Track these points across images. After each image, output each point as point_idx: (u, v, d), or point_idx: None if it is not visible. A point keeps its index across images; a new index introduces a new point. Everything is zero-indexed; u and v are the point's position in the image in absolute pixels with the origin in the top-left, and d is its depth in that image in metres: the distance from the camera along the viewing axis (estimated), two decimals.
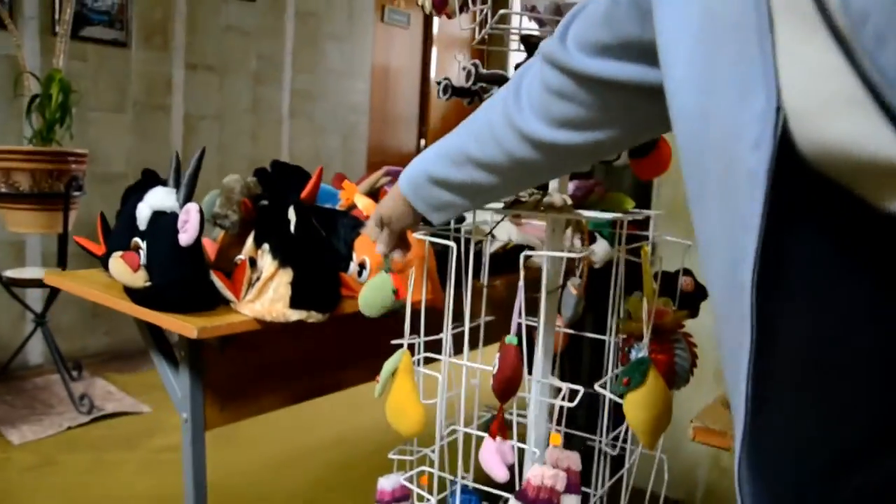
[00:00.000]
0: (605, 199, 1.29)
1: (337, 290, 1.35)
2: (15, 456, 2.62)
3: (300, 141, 4.62)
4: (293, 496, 2.47)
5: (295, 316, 1.25)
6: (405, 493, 1.38)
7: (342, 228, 1.50)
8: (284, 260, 1.25)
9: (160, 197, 1.29)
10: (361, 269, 1.42)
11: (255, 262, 1.31)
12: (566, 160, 0.92)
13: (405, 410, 1.21)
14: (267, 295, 1.26)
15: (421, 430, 1.23)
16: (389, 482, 1.37)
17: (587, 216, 1.23)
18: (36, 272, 3.08)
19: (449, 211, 1.06)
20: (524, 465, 1.25)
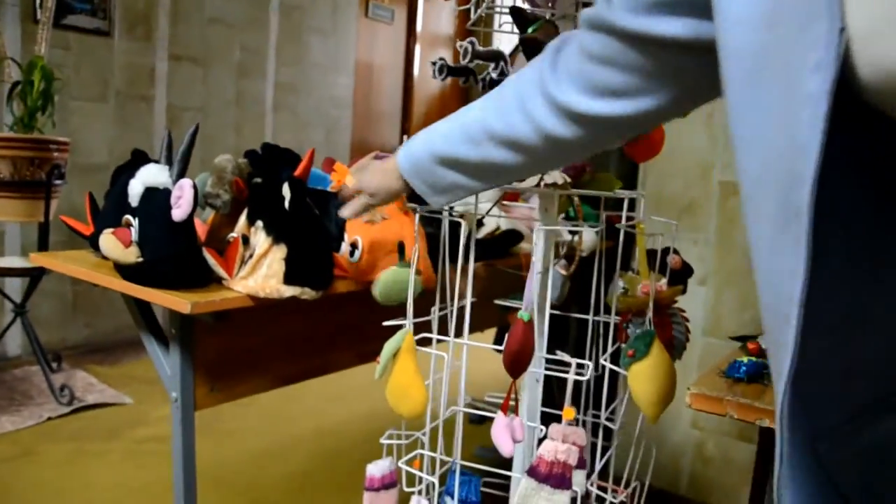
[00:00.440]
0: (595, 179, 1.31)
1: (330, 268, 1.34)
2: None
3: (283, 134, 4.60)
4: (279, 486, 2.47)
5: (289, 292, 1.25)
6: (394, 478, 1.38)
7: (333, 209, 1.50)
8: (279, 236, 1.25)
9: (153, 173, 1.28)
10: (353, 249, 1.42)
11: (247, 239, 1.31)
12: (602, 135, 0.88)
13: (409, 391, 1.20)
14: (260, 271, 1.25)
15: (424, 411, 1.23)
16: (378, 468, 1.36)
17: (581, 194, 1.24)
18: (15, 261, 3.04)
19: (453, 193, 1.01)
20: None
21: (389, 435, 1.38)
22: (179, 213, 1.23)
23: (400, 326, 1.25)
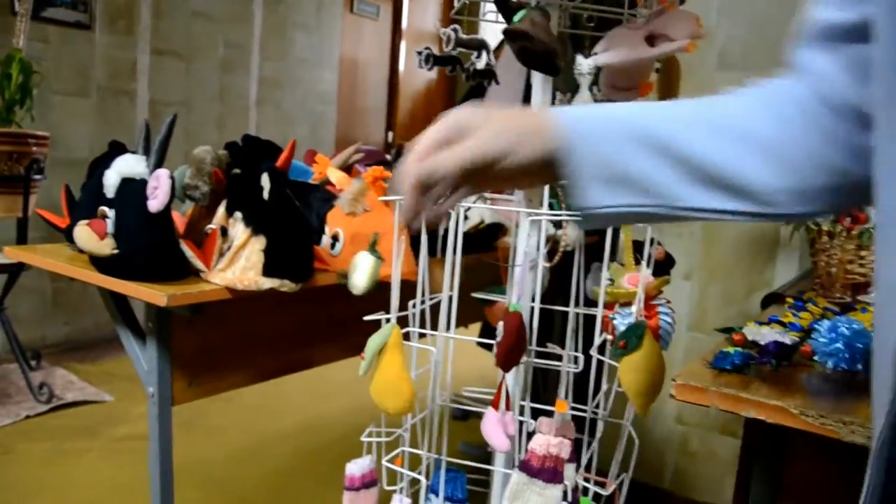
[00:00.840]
0: None
1: (310, 260, 1.32)
2: None
3: (267, 129, 4.57)
4: (260, 483, 2.44)
5: (267, 284, 1.22)
6: (375, 477, 1.35)
7: (315, 202, 1.48)
8: (257, 227, 1.22)
9: (129, 163, 1.25)
10: (334, 241, 1.40)
11: (226, 231, 1.28)
12: None
13: (396, 387, 1.17)
14: (239, 263, 1.23)
15: (411, 407, 1.20)
16: (358, 467, 1.33)
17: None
18: None
19: (627, 193, 0.64)
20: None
21: (370, 433, 1.35)
22: (156, 203, 1.20)
23: (383, 321, 1.23)
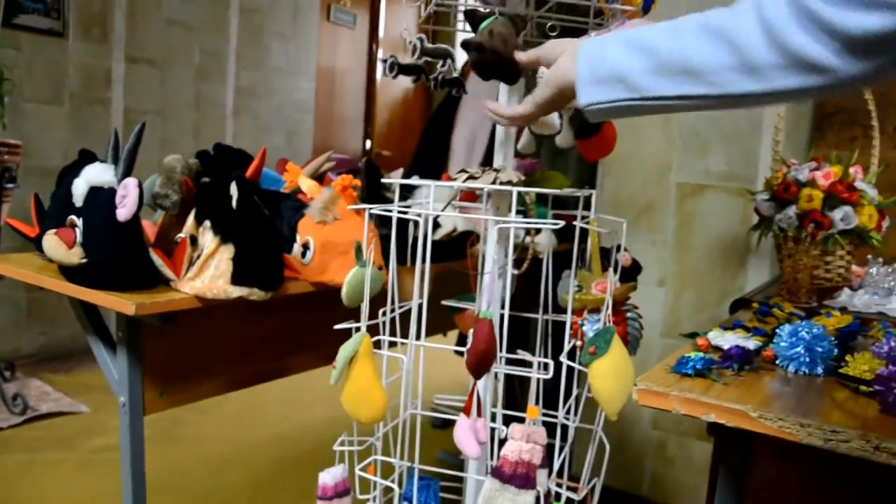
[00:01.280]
0: (545, 177, 1.31)
1: (280, 268, 1.32)
2: None
3: (244, 138, 4.55)
4: (237, 494, 2.43)
5: (236, 293, 1.22)
6: (348, 486, 1.35)
7: (286, 210, 1.48)
8: (226, 235, 1.22)
9: (97, 172, 1.25)
10: (305, 250, 1.40)
11: (196, 239, 1.28)
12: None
13: (368, 396, 1.17)
14: (208, 272, 1.23)
15: (383, 416, 1.20)
16: (331, 476, 1.32)
17: (535, 191, 1.23)
18: None
19: (609, 87, 0.81)
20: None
21: (342, 441, 1.35)
22: (124, 212, 1.20)
23: (353, 329, 1.23)
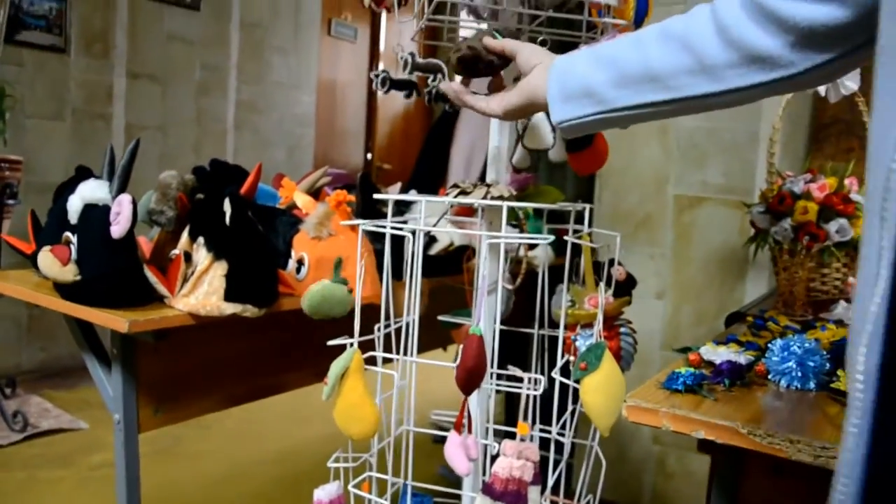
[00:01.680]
0: (538, 192, 1.31)
1: (274, 284, 1.32)
2: None
3: (245, 153, 4.57)
4: None
5: (230, 309, 1.23)
6: (343, 503, 1.34)
7: (281, 226, 1.49)
8: (219, 252, 1.23)
9: (92, 189, 1.25)
10: (300, 266, 1.40)
11: (190, 256, 1.29)
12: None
13: (360, 412, 1.17)
14: (201, 288, 1.23)
15: (375, 431, 1.20)
16: (326, 493, 1.32)
17: (526, 206, 1.23)
18: None
19: (579, 102, 0.85)
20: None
21: (336, 458, 1.35)
22: (118, 229, 1.20)
23: (347, 345, 1.23)
